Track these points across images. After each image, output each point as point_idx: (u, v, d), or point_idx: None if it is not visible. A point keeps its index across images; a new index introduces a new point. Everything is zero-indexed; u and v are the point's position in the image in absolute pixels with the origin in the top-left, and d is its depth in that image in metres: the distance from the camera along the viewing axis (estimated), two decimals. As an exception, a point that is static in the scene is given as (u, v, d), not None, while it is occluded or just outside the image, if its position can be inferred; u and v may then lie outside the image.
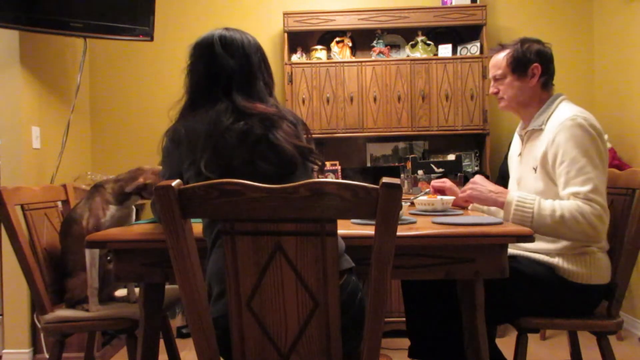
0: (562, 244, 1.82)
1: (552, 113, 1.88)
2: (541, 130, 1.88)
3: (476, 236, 1.48)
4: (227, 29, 1.55)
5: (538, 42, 1.98)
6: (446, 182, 2.15)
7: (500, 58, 1.98)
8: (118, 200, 2.03)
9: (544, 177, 1.85)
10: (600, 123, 1.83)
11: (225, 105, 1.44)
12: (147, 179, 2.01)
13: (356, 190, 1.06)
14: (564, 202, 1.75)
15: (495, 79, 2.01)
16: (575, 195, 1.73)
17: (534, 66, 1.92)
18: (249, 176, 1.11)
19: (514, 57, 1.94)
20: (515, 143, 2.11)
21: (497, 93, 2.01)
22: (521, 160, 2.01)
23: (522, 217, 1.75)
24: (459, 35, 3.65)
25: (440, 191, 2.14)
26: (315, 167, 1.54)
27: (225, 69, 1.48)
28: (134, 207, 2.11)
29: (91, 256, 1.98)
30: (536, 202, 1.75)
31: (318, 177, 1.96)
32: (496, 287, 1.66)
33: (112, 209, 2.02)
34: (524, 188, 1.94)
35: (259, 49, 1.55)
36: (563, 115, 1.82)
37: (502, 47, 2.00)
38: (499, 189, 1.88)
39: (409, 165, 3.16)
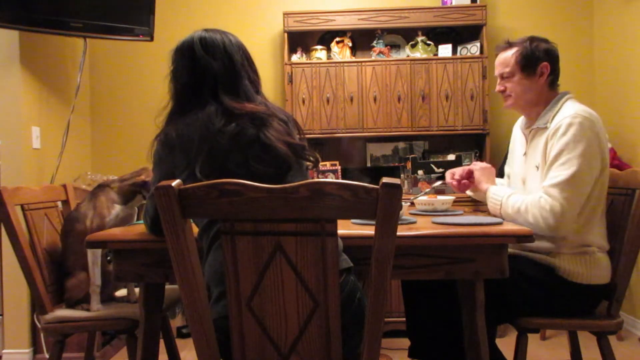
0: (561, 243, 1.82)
1: (557, 111, 1.88)
2: (546, 128, 1.87)
3: (476, 236, 1.48)
4: (206, 30, 1.54)
5: (546, 41, 1.97)
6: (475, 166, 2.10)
7: (508, 56, 1.96)
8: (123, 200, 2.04)
9: (544, 175, 1.85)
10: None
11: (214, 107, 1.43)
12: (148, 177, 2.00)
13: (356, 190, 1.06)
14: (529, 195, 1.82)
15: (503, 77, 1.99)
16: (544, 188, 1.78)
17: (542, 65, 1.92)
18: (244, 178, 1.11)
19: (523, 55, 1.93)
20: (518, 141, 2.09)
21: (503, 91, 2.00)
22: (526, 159, 2.00)
23: (494, 206, 1.92)
24: (459, 35, 3.64)
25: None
26: (310, 164, 1.52)
27: (208, 71, 1.47)
28: (137, 207, 2.11)
29: (93, 255, 1.98)
30: (506, 194, 1.87)
31: (317, 175, 1.97)
32: (496, 287, 1.66)
33: (117, 209, 2.02)
34: (529, 187, 1.93)
35: (240, 47, 1.53)
36: (566, 112, 1.83)
37: (510, 44, 1.98)
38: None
39: (409, 165, 3.17)
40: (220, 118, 1.41)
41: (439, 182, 2.20)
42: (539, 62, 1.92)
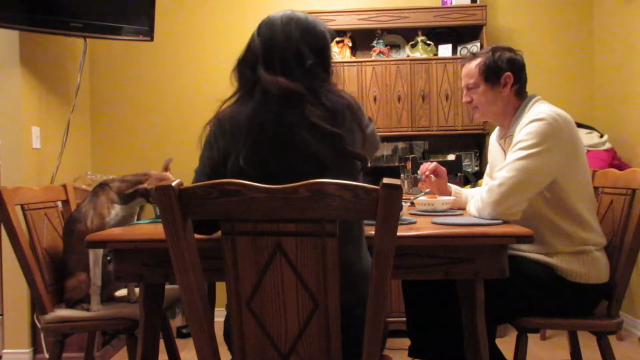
0: (558, 242, 1.82)
1: (526, 115, 1.88)
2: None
3: (476, 236, 1.48)
4: (283, 10, 1.46)
5: (509, 49, 1.97)
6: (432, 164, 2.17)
7: (472, 67, 1.97)
8: (123, 200, 2.03)
9: None
10: (600, 123, 1.84)
11: (259, 94, 1.35)
12: (151, 185, 2.00)
13: (356, 191, 1.06)
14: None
15: (468, 88, 2.00)
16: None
17: (506, 75, 1.91)
18: (282, 173, 1.09)
19: (486, 65, 1.93)
20: (497, 153, 2.08)
21: (470, 102, 2.01)
22: None
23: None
24: (459, 35, 3.64)
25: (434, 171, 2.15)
26: (358, 163, 1.37)
27: (252, 50, 1.42)
28: (137, 207, 2.11)
29: (95, 255, 1.98)
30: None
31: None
32: (496, 287, 1.66)
33: (116, 208, 2.02)
34: None
35: (291, 20, 1.41)
36: (531, 113, 1.83)
37: (474, 55, 1.99)
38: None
39: (409, 165, 3.16)
40: (263, 106, 1.34)
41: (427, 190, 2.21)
42: (502, 72, 1.91)
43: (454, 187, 2.18)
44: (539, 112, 1.80)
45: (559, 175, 1.78)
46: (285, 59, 1.38)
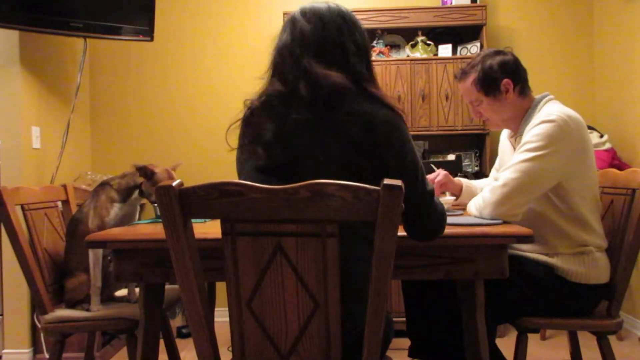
0: (559, 243, 1.82)
1: (537, 114, 1.88)
2: None
3: (476, 236, 1.48)
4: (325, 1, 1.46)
5: (497, 52, 1.94)
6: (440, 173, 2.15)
7: (468, 85, 1.95)
8: (123, 196, 2.03)
9: None
10: (600, 123, 1.83)
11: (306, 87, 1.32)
12: (156, 169, 1.98)
13: (357, 192, 1.06)
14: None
15: (473, 105, 1.99)
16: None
17: (504, 82, 1.89)
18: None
19: (480, 79, 1.91)
20: (508, 150, 2.08)
21: (481, 116, 2.01)
22: None
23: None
24: (459, 35, 3.64)
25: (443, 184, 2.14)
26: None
27: (300, 36, 1.43)
28: (138, 205, 2.11)
29: (95, 255, 1.98)
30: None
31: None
32: (496, 287, 1.66)
33: (116, 207, 2.01)
34: None
35: (341, 14, 1.40)
36: (542, 113, 1.83)
37: (464, 72, 1.96)
38: None
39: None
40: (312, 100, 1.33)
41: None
42: (499, 81, 1.89)
43: (464, 181, 2.18)
44: (549, 112, 1.79)
45: (564, 177, 1.78)
46: (335, 52, 1.36)
